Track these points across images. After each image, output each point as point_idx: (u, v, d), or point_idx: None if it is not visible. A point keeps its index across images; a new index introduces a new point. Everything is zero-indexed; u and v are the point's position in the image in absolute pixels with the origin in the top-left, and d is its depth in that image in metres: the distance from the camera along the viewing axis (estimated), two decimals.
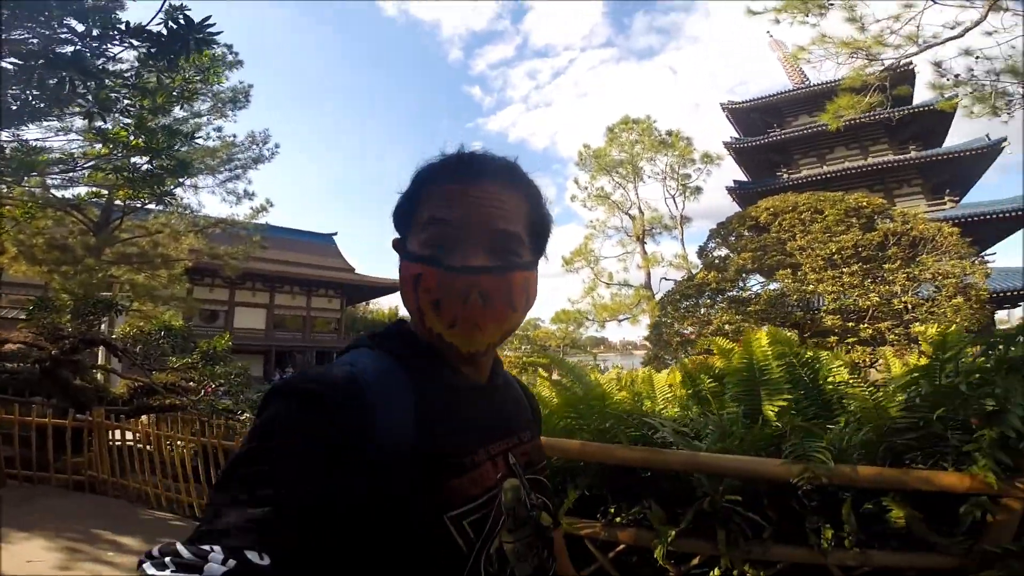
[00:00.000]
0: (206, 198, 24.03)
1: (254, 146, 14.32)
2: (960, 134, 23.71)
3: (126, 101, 3.30)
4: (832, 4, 8.06)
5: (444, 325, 0.60)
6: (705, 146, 30.51)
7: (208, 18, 3.22)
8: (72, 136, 5.08)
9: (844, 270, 10.79)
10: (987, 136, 22.51)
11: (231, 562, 0.38)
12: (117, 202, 10.20)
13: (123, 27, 3.25)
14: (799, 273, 11.29)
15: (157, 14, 3.08)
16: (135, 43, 3.26)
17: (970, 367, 1.60)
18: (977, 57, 7.76)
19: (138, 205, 9.36)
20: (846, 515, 1.51)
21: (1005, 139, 22.02)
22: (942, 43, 7.66)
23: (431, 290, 0.59)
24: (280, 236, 29.22)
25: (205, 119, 12.66)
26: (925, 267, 11.23)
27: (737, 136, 27.23)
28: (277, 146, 14.82)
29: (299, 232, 33.19)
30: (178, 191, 12.53)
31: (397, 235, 0.68)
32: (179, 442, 5.34)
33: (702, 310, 12.48)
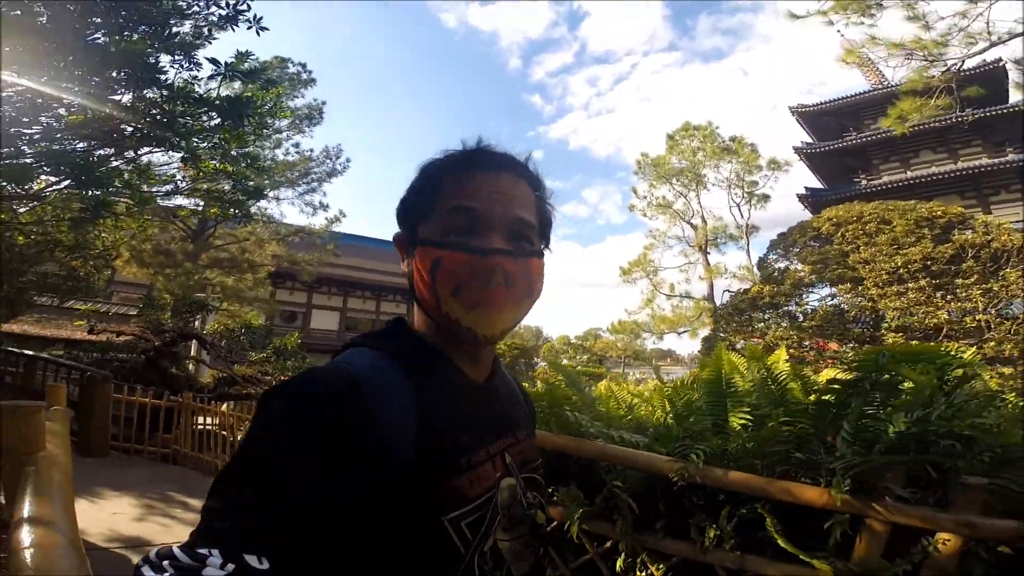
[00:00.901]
0: (286, 209, 26.12)
1: (328, 160, 15.63)
2: None
3: (214, 135, 4.06)
4: (883, 4, 7.72)
5: (464, 309, 0.60)
6: (782, 150, 28.98)
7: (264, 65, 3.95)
8: (174, 156, 6.02)
9: (910, 285, 10.24)
10: None
11: (229, 566, 0.38)
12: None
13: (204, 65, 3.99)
14: (860, 288, 10.83)
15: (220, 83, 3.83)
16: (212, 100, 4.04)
17: (823, 387, 1.79)
18: None
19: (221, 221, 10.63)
20: (723, 517, 1.68)
21: None
22: (1005, 41, 7.15)
23: (453, 274, 0.60)
24: (353, 243, 31.12)
25: (285, 135, 14.07)
26: (1007, 282, 10.44)
27: (809, 141, 26.00)
28: (348, 160, 16.11)
29: (370, 240, 35.18)
30: (262, 203, 14.01)
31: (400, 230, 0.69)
32: (246, 423, 6.21)
33: (757, 324, 12.22)
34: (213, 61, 3.98)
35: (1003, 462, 1.56)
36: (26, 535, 1.13)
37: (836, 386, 1.72)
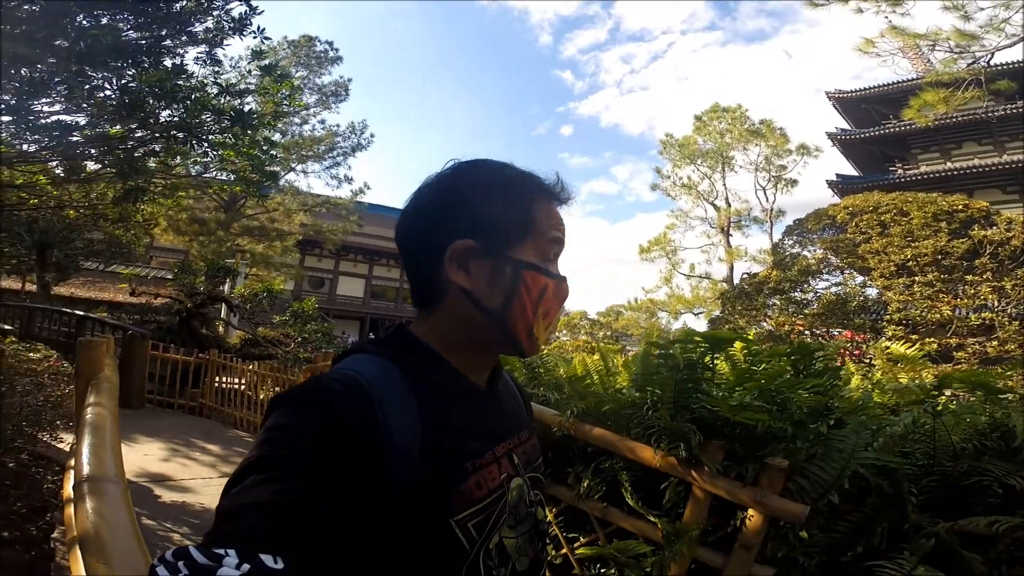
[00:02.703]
0: (313, 181, 26.88)
1: (353, 135, 16.20)
2: None
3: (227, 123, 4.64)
4: None
5: (545, 331, 0.66)
6: (820, 136, 28.14)
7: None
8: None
9: (917, 278, 10.24)
10: None
11: (245, 566, 0.38)
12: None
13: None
14: (868, 278, 10.87)
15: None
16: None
17: (638, 362, 2.05)
18: None
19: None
20: (590, 469, 1.93)
21: None
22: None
23: (551, 300, 0.65)
24: (378, 213, 31.92)
25: (312, 111, 14.67)
26: (1019, 281, 10.31)
27: (845, 127, 25.17)
28: (373, 135, 16.65)
29: (396, 210, 35.78)
30: (290, 176, 14.73)
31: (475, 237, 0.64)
32: (267, 380, 6.94)
33: (762, 308, 12.37)
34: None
35: (822, 451, 1.76)
36: (85, 448, 1.65)
37: (661, 363, 1.98)
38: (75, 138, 4.80)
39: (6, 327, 7.47)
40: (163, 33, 4.46)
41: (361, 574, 0.52)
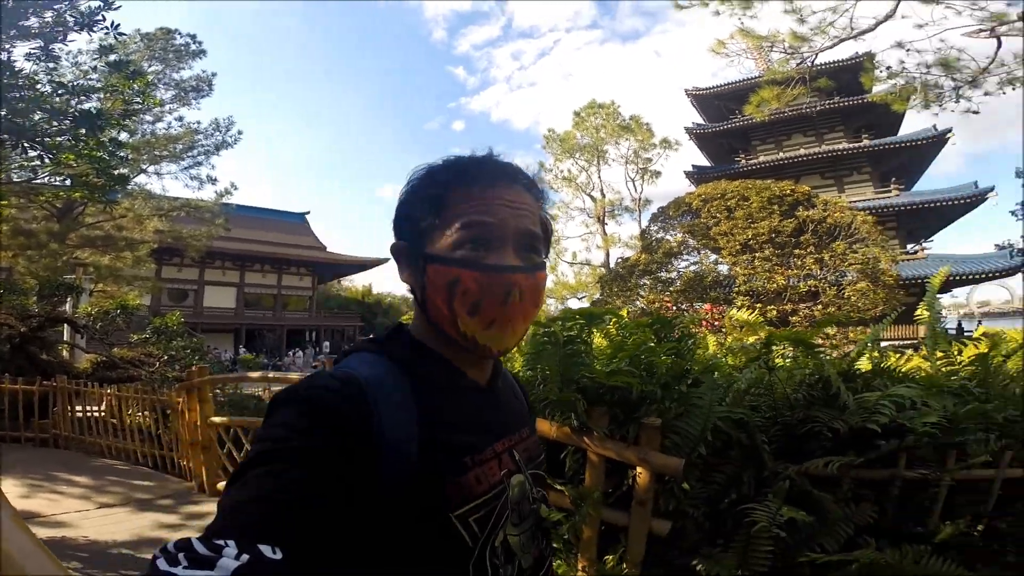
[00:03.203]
0: (170, 183, 24.11)
1: (217, 132, 14.87)
2: (917, 124, 23.92)
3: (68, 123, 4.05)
4: None
5: (481, 327, 0.61)
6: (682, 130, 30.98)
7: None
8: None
9: (757, 254, 11.86)
10: (934, 127, 22.76)
11: (244, 556, 0.39)
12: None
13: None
14: (719, 256, 12.37)
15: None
16: None
17: (528, 343, 2.18)
18: (908, 50, 7.91)
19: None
20: None
21: (950, 130, 22.89)
22: (854, 36, 7.82)
23: (471, 292, 0.60)
24: (251, 215, 29.61)
25: (167, 108, 13.21)
26: (835, 253, 12.36)
27: (702, 122, 28.06)
28: (241, 132, 15.42)
29: (270, 211, 33.50)
30: (140, 178, 13.16)
31: (400, 239, 0.67)
32: (131, 403, 6.24)
33: (636, 289, 13.52)
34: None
35: (686, 409, 1.97)
36: None
37: (546, 340, 2.14)
38: None
39: None
40: None
41: (364, 567, 0.53)
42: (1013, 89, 7.84)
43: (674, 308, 11.50)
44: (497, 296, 0.60)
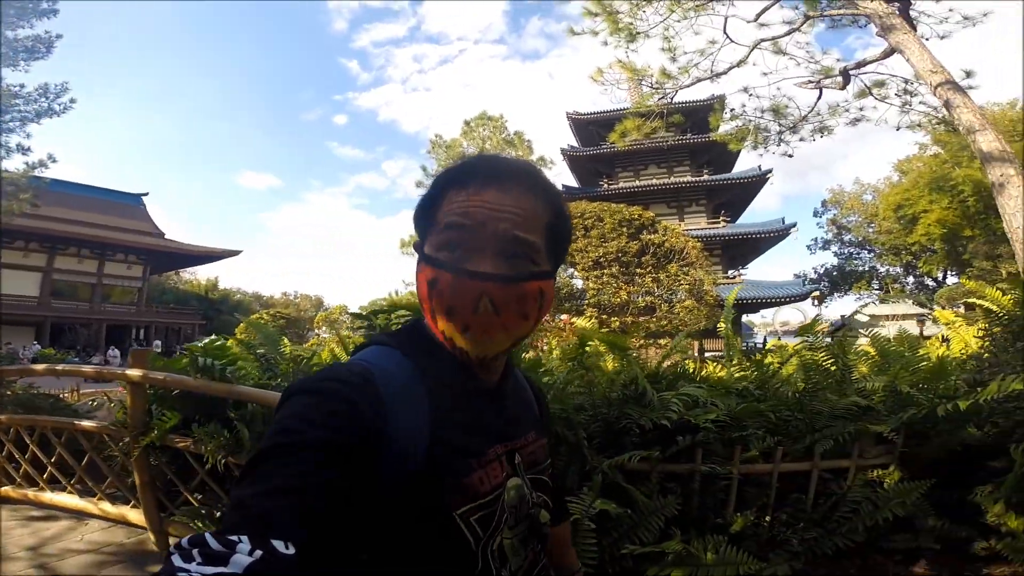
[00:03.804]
0: None
1: (44, 98, 12.79)
2: (748, 163, 27.56)
3: None
4: (648, 35, 8.73)
5: (457, 330, 0.60)
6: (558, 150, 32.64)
7: None
8: None
9: (605, 271, 12.94)
10: (759, 167, 26.58)
11: (258, 552, 0.39)
12: None
13: None
14: (574, 271, 13.27)
15: None
16: None
17: None
18: (751, 95, 8.96)
19: None
20: None
21: (771, 170, 26.84)
22: (711, 78, 8.70)
23: (445, 295, 0.59)
24: (72, 192, 25.46)
25: None
26: (670, 274, 13.89)
27: (576, 145, 29.88)
28: (73, 101, 13.47)
29: (96, 189, 28.95)
30: None
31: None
32: None
33: None
34: None
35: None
36: None
37: None
38: None
39: None
40: None
41: (373, 563, 0.53)
42: (822, 136, 9.35)
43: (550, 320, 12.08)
44: (467, 303, 0.58)
